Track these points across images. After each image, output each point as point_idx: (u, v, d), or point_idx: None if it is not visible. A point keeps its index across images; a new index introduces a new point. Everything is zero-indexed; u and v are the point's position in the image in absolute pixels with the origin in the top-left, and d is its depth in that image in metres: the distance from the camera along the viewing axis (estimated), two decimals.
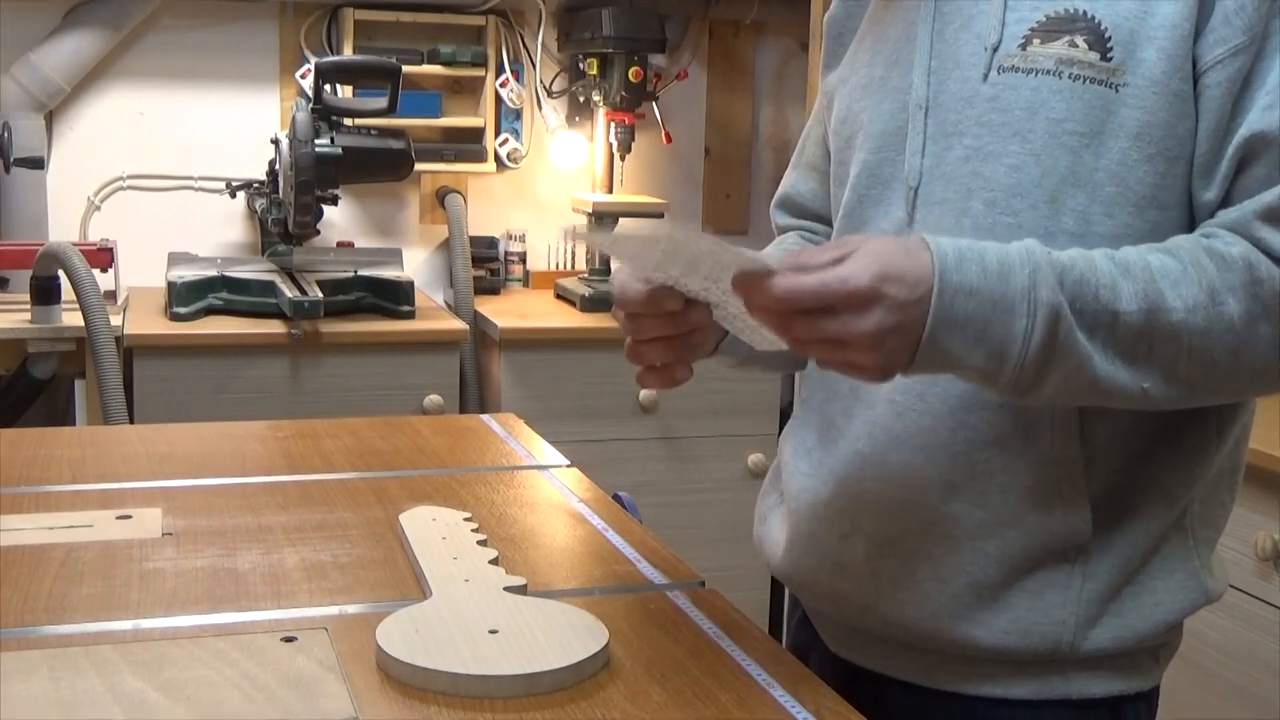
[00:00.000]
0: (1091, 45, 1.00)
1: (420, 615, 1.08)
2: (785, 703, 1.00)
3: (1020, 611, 1.06)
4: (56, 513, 1.38)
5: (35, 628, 1.09)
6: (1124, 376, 0.94)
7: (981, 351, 0.92)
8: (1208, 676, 2.15)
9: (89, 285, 2.58)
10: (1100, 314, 0.93)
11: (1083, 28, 1.01)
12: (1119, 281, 0.93)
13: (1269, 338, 0.95)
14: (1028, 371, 0.92)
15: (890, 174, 1.12)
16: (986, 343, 0.92)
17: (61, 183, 3.13)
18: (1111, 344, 0.93)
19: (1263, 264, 0.94)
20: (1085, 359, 0.93)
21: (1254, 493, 2.06)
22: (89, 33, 3.04)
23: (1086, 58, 1.00)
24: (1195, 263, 0.94)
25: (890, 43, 1.15)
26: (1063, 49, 1.01)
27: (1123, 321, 0.93)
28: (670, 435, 3.02)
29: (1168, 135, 1.00)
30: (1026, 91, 1.02)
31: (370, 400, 2.77)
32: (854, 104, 1.17)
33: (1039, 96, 1.02)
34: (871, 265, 0.89)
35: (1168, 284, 0.93)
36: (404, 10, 3.25)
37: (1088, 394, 0.96)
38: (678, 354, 1.07)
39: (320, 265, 3.03)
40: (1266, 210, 0.95)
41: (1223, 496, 1.12)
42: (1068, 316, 0.92)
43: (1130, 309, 0.93)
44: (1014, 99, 1.03)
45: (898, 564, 1.10)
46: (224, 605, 1.15)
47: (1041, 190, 1.02)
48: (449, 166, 3.31)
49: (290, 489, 1.49)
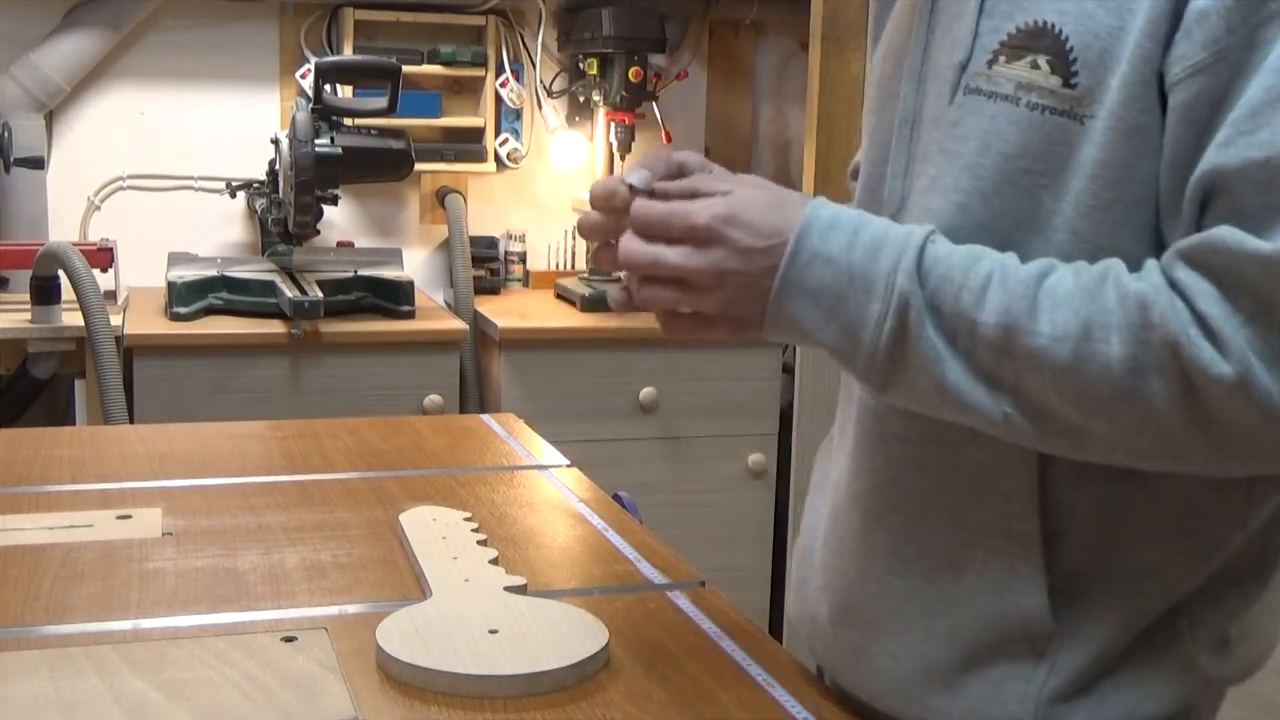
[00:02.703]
0: (1054, 68, 0.86)
1: (420, 615, 1.08)
2: (785, 703, 1.00)
3: (977, 702, 0.94)
4: (56, 513, 1.38)
5: (35, 628, 1.09)
6: (981, 395, 0.84)
7: (835, 328, 0.86)
8: None
9: (89, 285, 2.58)
10: (958, 319, 0.84)
11: (1047, 45, 0.86)
12: (990, 289, 0.83)
13: (1165, 398, 0.79)
14: (880, 362, 0.85)
15: (883, 194, 1.01)
16: (839, 320, 0.86)
17: (61, 183, 3.13)
18: (971, 356, 0.84)
19: (1158, 307, 0.78)
20: (935, 361, 0.84)
21: None
22: (89, 33, 3.04)
23: (1047, 83, 0.86)
24: (1090, 290, 0.81)
25: (900, 36, 1.02)
26: (1024, 71, 0.87)
27: (980, 333, 0.83)
28: (670, 435, 3.02)
29: (1126, 176, 0.84)
30: (984, 119, 0.89)
31: (370, 400, 2.77)
32: (868, 101, 1.07)
33: (994, 126, 0.88)
34: (722, 207, 0.86)
35: (1046, 304, 0.82)
36: (404, 10, 3.25)
37: (943, 405, 0.86)
38: None
39: (320, 265, 3.02)
40: (1190, 250, 0.80)
41: (1246, 587, 0.95)
42: (920, 310, 0.84)
43: (988, 321, 0.82)
44: (972, 127, 0.90)
45: (856, 634, 1.02)
46: (224, 605, 1.15)
47: (991, 235, 0.88)
48: (449, 166, 3.31)
49: (290, 489, 1.49)
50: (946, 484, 0.94)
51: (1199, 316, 0.78)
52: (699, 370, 3.01)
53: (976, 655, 0.95)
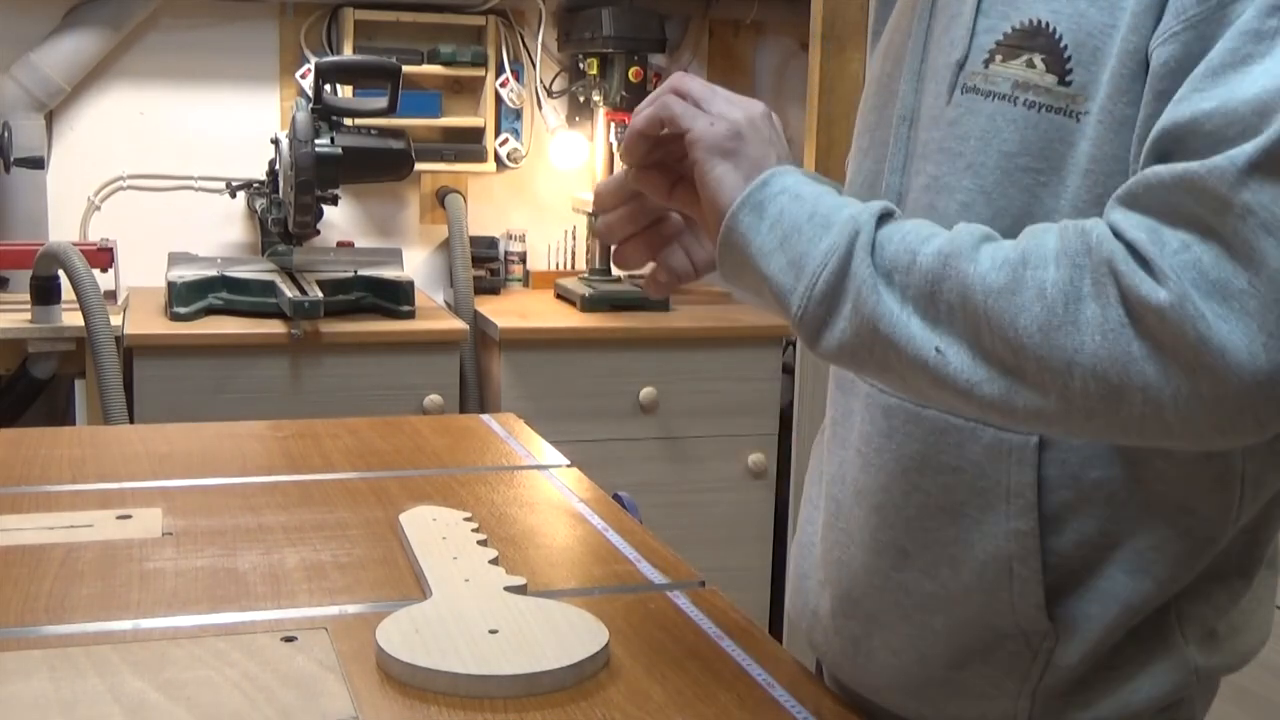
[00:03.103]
0: (1049, 66, 0.87)
1: (420, 615, 1.08)
2: (785, 703, 1.00)
3: (970, 699, 0.97)
4: (56, 513, 1.38)
5: (35, 628, 1.09)
6: (915, 327, 0.82)
7: (783, 257, 0.87)
8: None
9: (89, 285, 2.58)
10: (899, 253, 0.84)
11: (1042, 44, 0.87)
12: (937, 232, 0.84)
13: (1100, 326, 0.76)
14: (817, 295, 0.85)
15: (880, 189, 1.02)
16: (788, 250, 0.87)
17: (61, 183, 3.13)
18: (906, 287, 0.83)
19: (1095, 235, 0.77)
20: (870, 291, 0.83)
21: None
22: (89, 33, 3.04)
23: (1043, 81, 0.87)
24: (1035, 231, 0.81)
25: (899, 34, 1.03)
26: (1020, 70, 0.88)
27: (919, 263, 0.82)
28: (670, 435, 3.02)
29: (1118, 170, 0.85)
30: (983, 118, 0.90)
31: (370, 400, 2.77)
32: (866, 99, 1.08)
33: (993, 125, 0.90)
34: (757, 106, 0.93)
35: (987, 242, 0.82)
36: (404, 10, 3.25)
37: (873, 343, 0.84)
38: (654, 250, 1.02)
39: (320, 265, 3.03)
40: (1126, 193, 0.79)
41: (1233, 583, 0.95)
42: (866, 246, 0.84)
43: (928, 251, 0.82)
44: (971, 125, 0.91)
45: (856, 625, 1.03)
46: (224, 605, 1.15)
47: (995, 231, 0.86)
48: (449, 166, 3.31)
49: (290, 489, 1.49)
50: (950, 481, 0.95)
51: (1131, 245, 0.76)
52: (699, 370, 3.01)
53: (973, 652, 0.96)
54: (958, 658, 0.96)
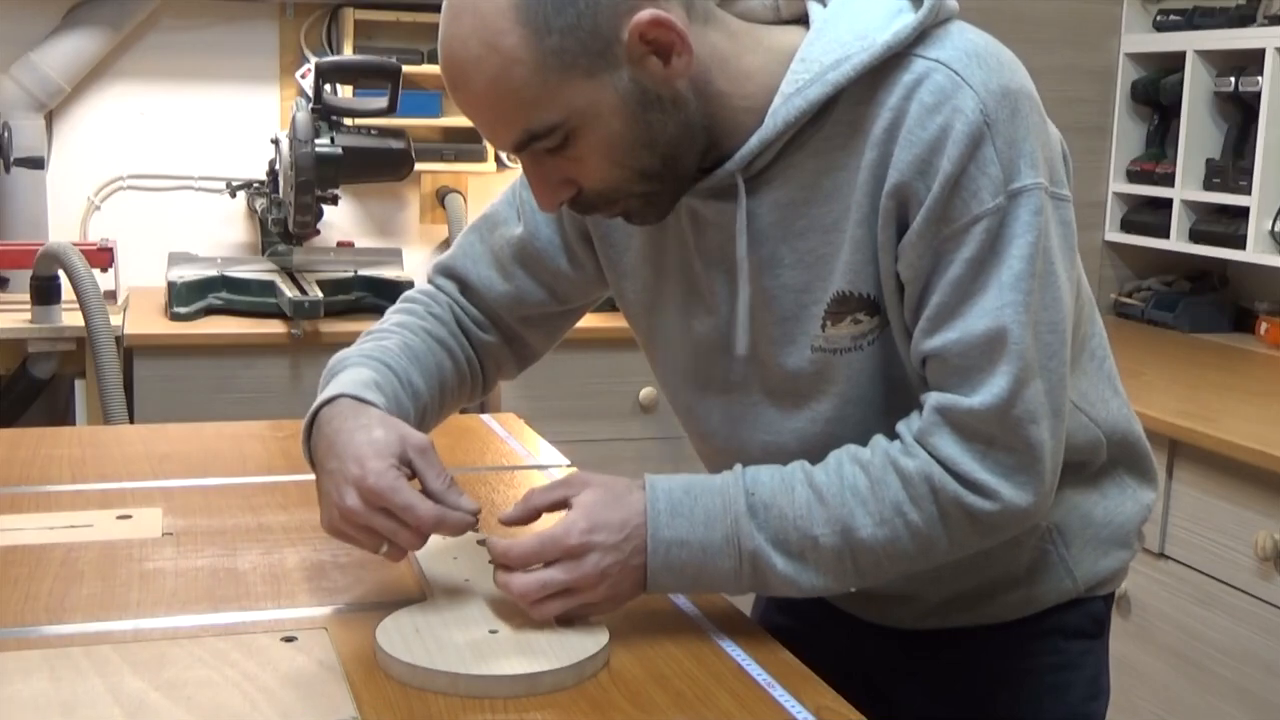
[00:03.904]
0: (870, 313, 1.09)
1: (420, 615, 1.08)
2: (785, 703, 1.00)
3: (1025, 591, 1.21)
4: (56, 513, 1.38)
5: (35, 627, 1.09)
6: (832, 582, 1.08)
7: (703, 587, 1.10)
8: (1208, 676, 2.15)
9: (89, 285, 2.58)
10: (802, 541, 1.06)
11: (855, 305, 1.09)
12: (814, 508, 1.06)
13: (958, 533, 1.07)
14: (747, 590, 1.10)
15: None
16: (704, 583, 1.09)
17: (61, 183, 3.13)
18: (816, 563, 1.07)
19: (935, 477, 1.05)
20: (793, 580, 1.07)
21: (1254, 492, 2.06)
22: (89, 33, 3.04)
23: (870, 325, 1.09)
24: (881, 480, 1.06)
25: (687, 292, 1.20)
26: (849, 327, 1.09)
27: (822, 544, 1.06)
28: (670, 435, 3.01)
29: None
30: (840, 369, 1.12)
31: None
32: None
33: (851, 370, 1.12)
34: (582, 520, 1.06)
35: (857, 503, 1.06)
36: (404, 10, 3.24)
37: (802, 594, 1.09)
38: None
39: (320, 265, 3.02)
40: (928, 425, 1.05)
41: (1126, 430, 1.23)
42: (768, 553, 1.06)
43: (825, 532, 1.06)
44: (831, 376, 1.13)
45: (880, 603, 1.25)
46: (224, 605, 1.15)
47: (872, 412, 1.13)
48: (449, 166, 3.31)
49: (290, 489, 1.49)
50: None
51: (961, 477, 1.04)
52: None
53: (1014, 575, 1.20)
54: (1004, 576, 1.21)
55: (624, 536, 1.06)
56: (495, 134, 1.04)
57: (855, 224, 1.05)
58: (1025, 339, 1.02)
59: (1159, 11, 3.17)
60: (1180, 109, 2.98)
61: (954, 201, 1.01)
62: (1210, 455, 2.12)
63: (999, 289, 1.02)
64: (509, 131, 1.02)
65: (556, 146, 1.02)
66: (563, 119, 1.00)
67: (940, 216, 1.02)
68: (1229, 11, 2.96)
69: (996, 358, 1.02)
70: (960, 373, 1.04)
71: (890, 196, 1.03)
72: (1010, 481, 1.05)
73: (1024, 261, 1.02)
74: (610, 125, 1.01)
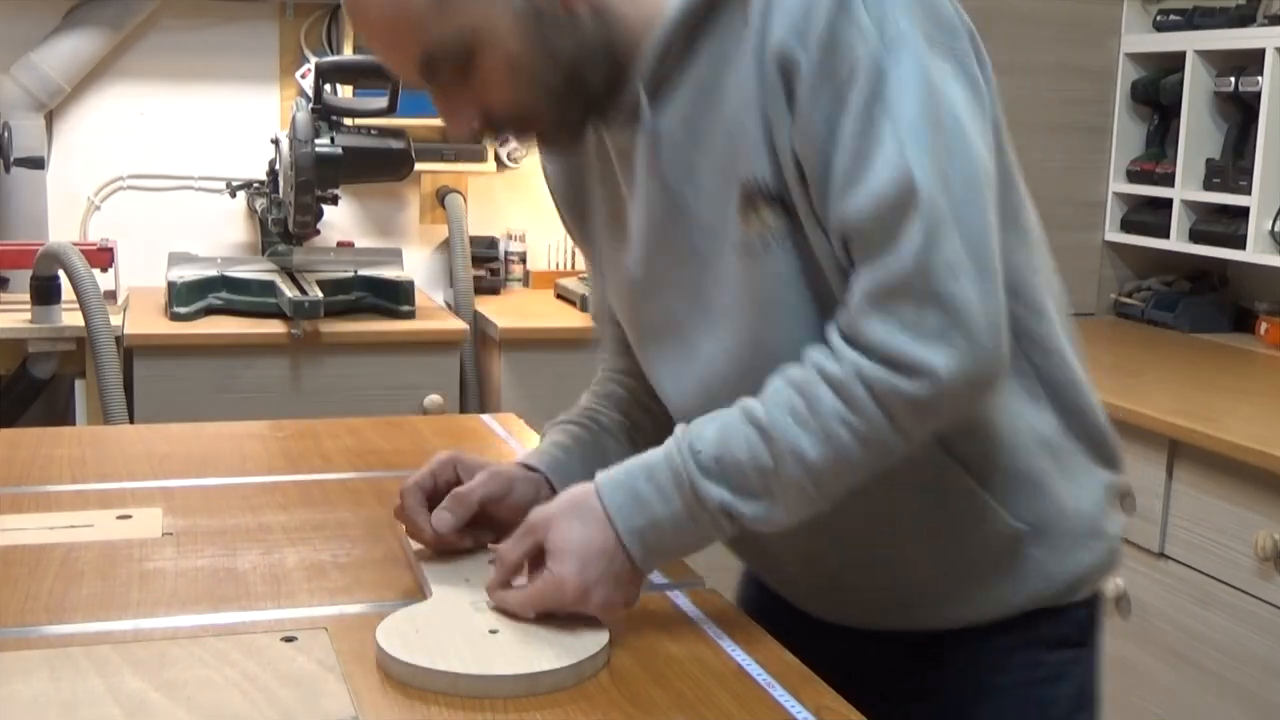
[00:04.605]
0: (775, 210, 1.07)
1: (420, 615, 1.08)
2: (785, 703, 1.00)
3: (1002, 590, 1.17)
4: (56, 513, 1.38)
5: (35, 627, 1.09)
6: (804, 509, 1.06)
7: (695, 549, 1.10)
8: (1208, 676, 2.15)
9: (89, 285, 2.58)
10: (762, 480, 1.04)
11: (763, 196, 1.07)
12: (759, 445, 1.04)
13: (892, 428, 1.03)
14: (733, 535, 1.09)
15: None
16: (692, 546, 1.09)
17: (61, 183, 3.13)
18: (783, 496, 1.05)
19: (865, 371, 1.01)
20: (767, 519, 1.06)
21: (1254, 492, 2.06)
22: (89, 33, 3.04)
23: (776, 223, 1.07)
24: (814, 396, 1.03)
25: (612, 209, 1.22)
26: (756, 223, 1.07)
27: (781, 476, 1.04)
28: None
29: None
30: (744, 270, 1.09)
31: (370, 400, 2.77)
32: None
33: (757, 269, 1.09)
34: (572, 564, 1.05)
35: (799, 426, 1.03)
36: None
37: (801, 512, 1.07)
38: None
39: (320, 265, 3.02)
40: (859, 302, 1.02)
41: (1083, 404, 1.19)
42: (733, 504, 1.05)
43: (778, 464, 1.03)
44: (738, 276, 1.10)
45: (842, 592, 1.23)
46: (224, 605, 1.15)
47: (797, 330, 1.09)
48: (449, 166, 3.31)
49: (290, 489, 1.49)
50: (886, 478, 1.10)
51: (892, 360, 1.00)
52: None
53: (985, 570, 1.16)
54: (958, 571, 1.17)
55: (608, 555, 1.06)
56: (397, 60, 1.08)
57: (751, 108, 1.05)
58: (933, 189, 0.99)
59: (1159, 11, 3.17)
60: (1180, 109, 2.98)
61: (831, 60, 1.01)
62: (1210, 455, 2.12)
63: (895, 140, 0.99)
64: (409, 56, 1.06)
65: (458, 72, 1.06)
66: (459, 38, 1.04)
67: (821, 76, 1.01)
68: (1229, 11, 2.96)
69: (906, 212, 0.99)
70: (875, 241, 1.01)
71: (773, 69, 1.03)
72: (943, 348, 1.00)
73: (916, 110, 1.00)
74: (509, 45, 1.04)
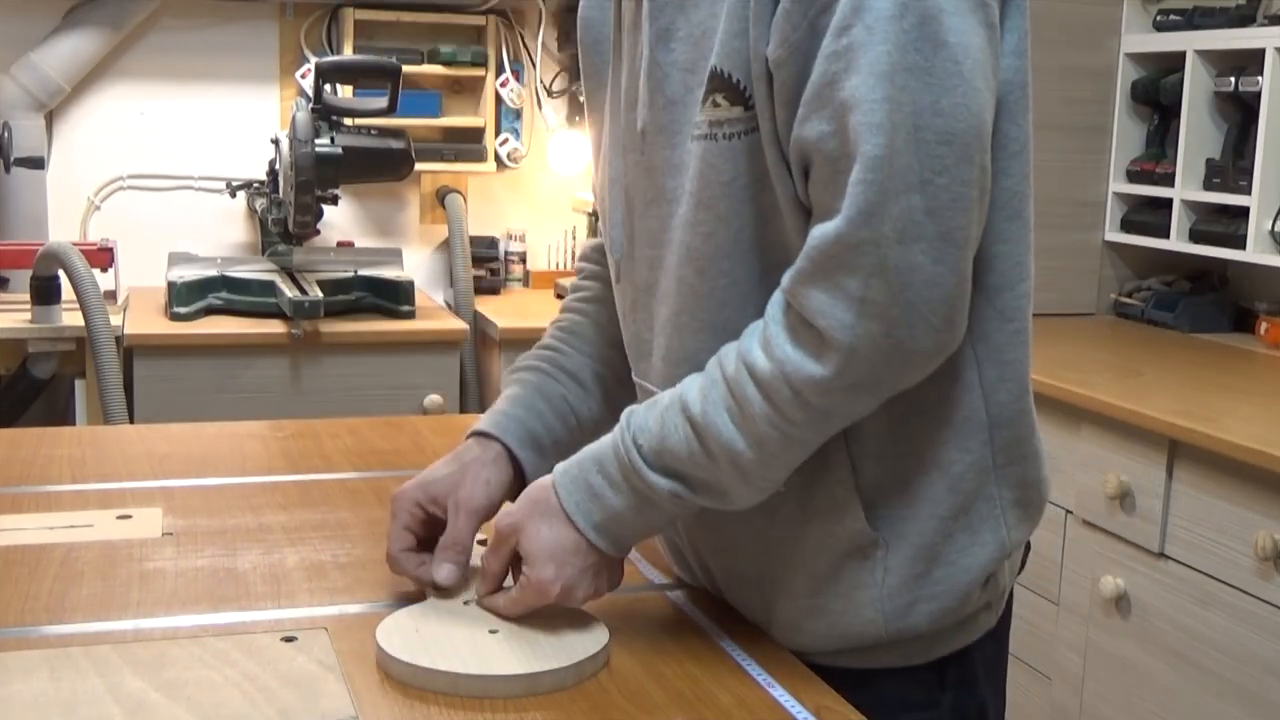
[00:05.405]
0: (732, 101, 1.01)
1: (420, 615, 1.08)
2: (785, 702, 1.00)
3: (835, 616, 1.08)
4: (56, 513, 1.38)
5: (35, 627, 1.09)
6: (752, 495, 1.03)
7: (662, 528, 1.11)
8: (1208, 676, 2.15)
9: (89, 285, 2.58)
10: (703, 474, 1.02)
11: (718, 85, 1.01)
12: (696, 444, 1.01)
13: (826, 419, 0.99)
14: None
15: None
16: (660, 526, 1.09)
17: (61, 183, 3.13)
18: (728, 486, 1.02)
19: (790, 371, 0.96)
20: (719, 502, 1.04)
21: (1254, 492, 2.06)
22: (89, 33, 3.04)
23: (730, 114, 1.01)
24: (744, 397, 0.99)
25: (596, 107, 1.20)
26: (710, 111, 1.02)
27: (720, 471, 1.01)
28: None
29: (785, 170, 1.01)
30: (695, 159, 1.05)
31: (370, 400, 2.77)
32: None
33: (708, 161, 1.04)
34: (548, 566, 1.04)
35: (731, 428, 0.99)
36: (404, 10, 3.25)
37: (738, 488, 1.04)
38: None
39: (320, 265, 3.03)
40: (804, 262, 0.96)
41: (1024, 450, 1.09)
42: (681, 491, 1.03)
43: (714, 463, 1.01)
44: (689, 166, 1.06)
45: (734, 577, 1.17)
46: (224, 605, 1.15)
47: (739, 248, 1.05)
48: (449, 166, 3.31)
49: (290, 489, 1.49)
50: None
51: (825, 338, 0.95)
52: None
53: (824, 577, 1.08)
54: (817, 586, 1.09)
55: (581, 551, 1.05)
56: None
57: (736, 1, 0.99)
58: (896, 142, 0.91)
59: (1159, 11, 3.17)
60: (1180, 109, 2.98)
61: None
62: (1210, 455, 2.12)
63: (872, 75, 0.91)
64: None
65: None
66: None
67: None
68: (1229, 11, 2.96)
69: (862, 161, 0.91)
70: (830, 178, 0.94)
71: None
72: (878, 324, 0.93)
73: (895, 47, 0.91)
74: None
